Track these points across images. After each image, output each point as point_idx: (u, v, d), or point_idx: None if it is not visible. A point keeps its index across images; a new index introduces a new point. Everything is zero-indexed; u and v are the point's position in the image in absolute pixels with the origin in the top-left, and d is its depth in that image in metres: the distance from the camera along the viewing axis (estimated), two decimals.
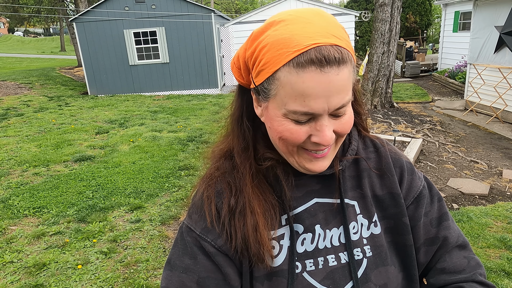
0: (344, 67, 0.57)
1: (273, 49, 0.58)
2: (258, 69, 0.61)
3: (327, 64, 0.55)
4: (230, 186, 0.70)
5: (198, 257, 0.68)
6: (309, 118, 0.60)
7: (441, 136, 6.47)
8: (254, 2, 46.30)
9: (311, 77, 0.56)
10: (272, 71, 0.59)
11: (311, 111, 0.58)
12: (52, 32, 60.87)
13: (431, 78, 13.19)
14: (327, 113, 0.59)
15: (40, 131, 7.52)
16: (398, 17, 8.05)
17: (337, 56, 0.56)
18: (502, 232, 3.33)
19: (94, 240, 3.41)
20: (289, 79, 0.57)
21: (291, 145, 0.63)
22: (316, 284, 0.67)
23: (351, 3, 18.39)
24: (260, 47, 0.60)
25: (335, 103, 0.58)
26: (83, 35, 12.14)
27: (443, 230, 0.74)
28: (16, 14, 24.33)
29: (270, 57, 0.58)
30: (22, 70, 19.24)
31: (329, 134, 0.60)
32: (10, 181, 4.90)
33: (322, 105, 0.58)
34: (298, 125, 0.61)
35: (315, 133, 0.61)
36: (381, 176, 0.74)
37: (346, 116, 0.62)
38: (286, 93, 0.58)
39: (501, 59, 7.12)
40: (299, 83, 0.56)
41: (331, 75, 0.56)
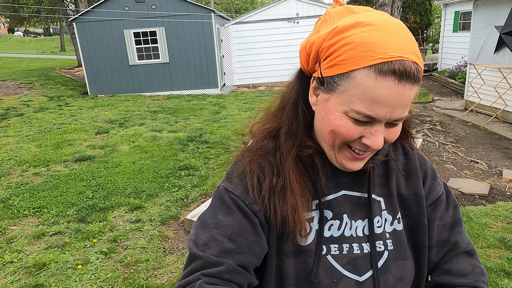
0: (417, 85, 0.61)
1: (357, 48, 0.59)
2: (333, 62, 0.63)
3: (406, 79, 0.59)
4: (272, 166, 0.73)
5: (234, 214, 0.70)
6: (368, 121, 0.63)
7: (441, 136, 6.47)
8: (254, 2, 46.30)
9: (388, 86, 0.59)
10: (350, 69, 0.60)
11: (374, 116, 0.61)
12: (52, 32, 60.88)
13: (431, 78, 13.19)
14: (386, 121, 0.63)
15: (40, 131, 7.52)
16: (398, 17, 8.05)
17: (416, 74, 0.60)
18: (502, 232, 3.33)
19: (94, 240, 3.41)
20: (365, 81, 0.59)
21: (340, 140, 0.66)
22: (339, 267, 0.71)
23: (351, 3, 18.39)
24: (342, 43, 0.61)
25: (397, 114, 0.62)
26: (83, 35, 12.14)
27: (455, 235, 0.78)
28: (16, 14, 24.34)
29: (352, 55, 0.60)
30: (22, 70, 19.24)
31: (381, 140, 0.64)
32: (10, 181, 4.90)
33: (386, 114, 0.61)
34: (356, 124, 0.64)
35: (368, 136, 0.64)
36: (407, 177, 0.78)
37: (398, 127, 0.66)
38: (356, 93, 0.61)
39: (501, 59, 7.12)
40: (375, 89, 0.59)
41: (406, 89, 0.59)
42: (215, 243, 0.67)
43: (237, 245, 0.67)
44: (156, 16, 11.84)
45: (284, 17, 12.83)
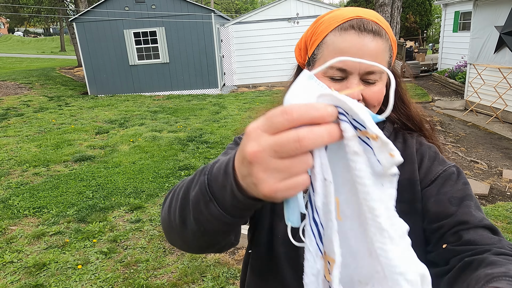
0: (379, 39, 0.71)
1: (325, 22, 0.74)
2: (312, 40, 0.76)
3: (364, 31, 0.69)
4: None
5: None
6: (342, 77, 0.71)
7: (441, 136, 6.47)
8: (254, 2, 46.30)
9: (350, 38, 0.70)
10: (322, 37, 0.73)
11: (345, 67, 0.69)
12: (52, 32, 60.88)
13: (431, 78, 13.19)
14: (358, 73, 0.70)
15: (40, 131, 7.52)
16: (398, 17, 8.05)
17: (375, 28, 0.70)
18: (502, 232, 3.34)
19: (94, 240, 3.41)
20: (333, 40, 0.71)
21: None
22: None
23: (351, 3, 18.39)
24: (317, 24, 0.76)
25: (365, 65, 0.68)
26: (83, 35, 12.14)
27: (462, 209, 0.71)
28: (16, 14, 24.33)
29: (322, 28, 0.74)
30: (22, 70, 19.24)
31: (357, 93, 0.69)
32: (10, 181, 4.90)
33: (355, 64, 0.69)
34: (333, 82, 0.71)
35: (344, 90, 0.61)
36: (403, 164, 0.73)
37: (376, 87, 0.72)
38: (328, 52, 0.72)
39: (501, 59, 7.12)
40: (340, 42, 0.70)
41: (367, 40, 0.69)
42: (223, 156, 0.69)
43: None
44: (156, 16, 11.84)
45: (284, 17, 12.83)
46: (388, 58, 0.75)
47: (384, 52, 0.72)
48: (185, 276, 2.85)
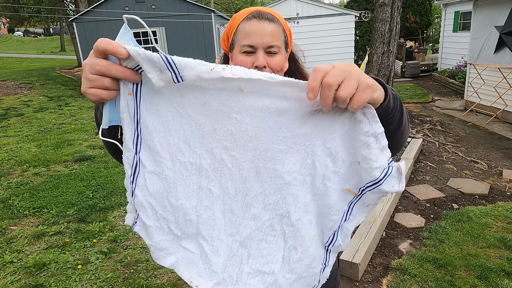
0: (273, 24, 1.01)
1: (237, 17, 1.04)
2: (230, 31, 1.06)
3: (262, 18, 1.00)
4: None
5: None
6: (252, 51, 1.00)
7: (441, 136, 6.47)
8: (254, 2, 46.29)
9: (253, 23, 1.00)
10: (236, 27, 1.04)
11: (252, 43, 0.99)
12: (52, 32, 60.85)
13: (431, 78, 13.18)
14: (262, 47, 1.00)
15: (40, 131, 7.52)
16: (398, 17, 8.05)
17: (269, 16, 1.01)
18: (502, 232, 3.33)
19: (94, 240, 3.41)
20: (243, 27, 1.02)
21: None
22: None
23: (351, 3, 18.38)
24: (232, 20, 1.06)
25: (266, 41, 0.99)
26: (83, 35, 12.14)
27: None
28: (16, 14, 24.32)
29: (235, 21, 1.05)
30: (22, 70, 19.23)
31: (263, 61, 0.99)
32: (10, 181, 4.89)
33: (259, 41, 0.99)
34: (246, 56, 1.01)
35: (255, 61, 1.00)
36: None
37: (277, 58, 1.01)
38: (241, 35, 1.02)
39: (501, 59, 7.12)
40: (247, 27, 1.00)
41: (264, 24, 1.00)
42: None
43: None
44: (156, 16, 11.84)
45: (284, 17, 12.81)
46: (283, 38, 1.04)
47: (278, 33, 1.01)
48: None
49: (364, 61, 8.57)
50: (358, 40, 17.75)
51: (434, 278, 2.72)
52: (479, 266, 2.84)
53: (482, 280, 2.70)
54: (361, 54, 17.86)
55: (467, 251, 3.06)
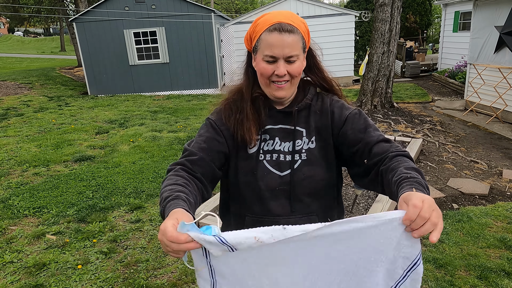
0: (293, 35, 1.09)
1: (260, 24, 1.12)
2: (254, 36, 1.15)
3: (283, 31, 1.08)
4: (237, 107, 1.21)
5: (209, 129, 1.20)
6: (273, 60, 1.10)
7: (441, 136, 6.47)
8: (254, 2, 46.27)
9: (275, 36, 1.08)
10: (259, 35, 1.12)
11: (274, 54, 1.09)
12: (52, 32, 60.84)
13: (431, 78, 13.18)
14: (282, 58, 1.09)
15: (40, 131, 7.52)
16: (398, 17, 8.05)
17: (289, 28, 1.08)
18: (502, 232, 3.33)
19: (94, 240, 3.41)
20: (266, 37, 1.10)
21: (265, 77, 1.13)
22: (269, 167, 1.18)
23: (351, 3, 18.38)
24: (256, 24, 1.14)
25: (286, 52, 1.08)
26: (83, 35, 12.13)
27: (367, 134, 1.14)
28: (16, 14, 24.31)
29: (259, 28, 1.12)
30: (22, 70, 19.24)
31: (283, 70, 1.10)
32: (10, 181, 4.90)
33: (280, 52, 1.08)
34: (268, 64, 1.11)
35: (276, 69, 1.10)
36: (320, 115, 1.22)
37: (295, 65, 1.11)
38: (264, 45, 1.10)
39: (501, 59, 7.12)
40: (269, 39, 1.09)
41: (285, 36, 1.08)
42: (196, 144, 1.17)
43: (208, 145, 1.16)
44: (156, 16, 11.84)
45: None
46: (302, 45, 1.12)
47: (298, 42, 1.10)
48: (185, 276, 2.85)
49: (364, 61, 8.57)
50: (358, 40, 17.74)
51: (434, 278, 2.72)
52: (479, 266, 2.84)
53: (482, 280, 2.70)
54: (361, 54, 17.85)
55: (467, 251, 3.06)
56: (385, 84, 8.33)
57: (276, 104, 1.21)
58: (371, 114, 7.91)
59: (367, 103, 8.47)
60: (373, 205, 3.60)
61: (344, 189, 4.11)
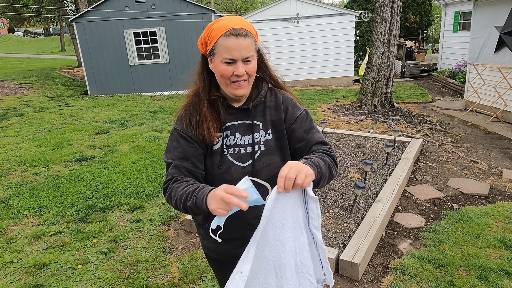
0: (248, 38, 1.20)
1: (216, 30, 1.21)
2: (210, 40, 1.23)
3: (238, 35, 1.19)
4: (196, 110, 1.32)
5: (180, 140, 1.31)
6: (232, 62, 1.20)
7: (441, 136, 6.47)
8: (254, 2, 46.26)
9: (232, 40, 1.19)
10: (216, 39, 1.21)
11: (233, 57, 1.19)
12: (52, 32, 60.82)
13: (431, 78, 13.18)
14: (241, 59, 1.20)
15: (40, 131, 7.52)
16: (398, 17, 8.05)
17: (244, 33, 1.20)
18: (502, 232, 3.33)
19: (94, 240, 3.41)
20: (223, 42, 1.19)
21: (225, 78, 1.23)
22: (232, 160, 1.31)
23: (351, 3, 18.38)
24: (211, 30, 1.23)
25: (244, 54, 1.20)
26: (83, 35, 12.13)
27: (310, 135, 1.34)
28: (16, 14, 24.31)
29: (215, 33, 1.21)
30: (22, 70, 19.23)
31: (242, 70, 1.21)
32: (10, 181, 4.89)
33: (238, 54, 1.19)
34: (228, 65, 1.21)
35: (235, 69, 1.21)
36: (275, 110, 1.36)
37: (251, 64, 1.24)
38: (221, 50, 1.20)
39: (501, 59, 7.12)
40: (227, 43, 1.19)
41: (241, 40, 1.19)
42: (175, 156, 1.29)
43: (185, 154, 1.28)
44: (156, 16, 11.84)
45: (284, 17, 12.83)
46: (254, 45, 1.24)
47: (251, 44, 1.21)
48: (185, 276, 2.85)
49: (364, 61, 8.57)
50: (358, 40, 17.74)
51: (434, 278, 2.72)
52: (479, 266, 2.83)
53: (482, 280, 2.70)
54: (361, 54, 17.85)
55: (467, 251, 3.06)
56: (385, 84, 8.33)
57: (234, 102, 1.33)
58: (371, 114, 7.91)
59: (367, 103, 8.47)
60: (373, 205, 3.60)
61: (344, 189, 4.11)
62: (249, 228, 1.23)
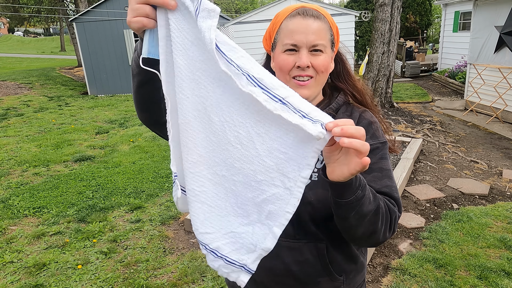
0: (319, 21, 0.93)
1: (280, 14, 0.98)
2: (273, 30, 0.99)
3: (307, 15, 0.93)
4: None
5: None
6: (295, 49, 0.93)
7: (441, 136, 6.47)
8: (254, 2, 46.28)
9: (297, 20, 0.93)
10: (279, 24, 0.97)
11: (295, 42, 0.92)
12: (52, 32, 60.83)
13: (431, 78, 13.19)
14: (306, 47, 0.92)
15: (40, 131, 7.52)
16: (398, 17, 8.05)
17: (315, 13, 0.94)
18: (502, 232, 3.33)
19: (94, 240, 3.41)
20: (286, 24, 0.95)
21: (285, 72, 0.94)
22: None
23: (351, 3, 18.38)
24: (275, 18, 1.00)
25: (311, 39, 0.91)
26: (83, 35, 12.13)
27: (371, 177, 0.94)
28: (16, 14, 24.31)
29: (278, 19, 0.98)
30: (22, 70, 19.24)
31: (306, 60, 0.92)
32: (10, 181, 4.90)
33: (303, 39, 0.91)
34: (288, 55, 0.94)
35: (297, 60, 0.92)
36: None
37: (321, 57, 0.94)
38: (284, 34, 0.95)
39: (501, 59, 7.12)
40: (290, 25, 0.94)
41: (309, 21, 0.92)
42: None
43: None
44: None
45: None
46: (329, 36, 0.96)
47: (325, 31, 0.94)
48: (185, 276, 2.85)
49: (364, 61, 8.57)
50: (358, 40, 17.75)
51: (434, 278, 2.72)
52: (479, 266, 2.84)
53: (482, 280, 2.70)
54: (361, 54, 17.86)
55: (467, 251, 3.06)
56: (385, 84, 8.33)
57: None
58: None
59: None
60: None
61: None
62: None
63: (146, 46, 0.79)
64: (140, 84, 0.91)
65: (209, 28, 0.69)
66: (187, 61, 0.75)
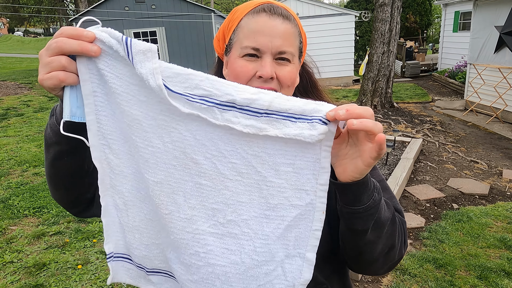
0: (288, 23, 0.77)
1: (240, 9, 0.80)
2: (229, 28, 0.81)
3: (275, 14, 0.75)
4: None
5: None
6: (256, 55, 0.75)
7: (441, 136, 6.47)
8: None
9: (262, 19, 0.75)
10: (238, 21, 0.78)
11: (258, 46, 0.74)
12: (52, 32, 60.83)
13: (431, 78, 13.19)
14: (270, 52, 0.74)
15: (40, 131, 7.52)
16: (398, 17, 8.05)
17: (284, 13, 0.77)
18: (502, 232, 3.33)
19: (94, 240, 3.41)
20: (247, 22, 0.76)
21: (242, 82, 0.73)
22: None
23: (351, 3, 18.39)
24: (233, 13, 0.81)
25: (277, 44, 0.74)
26: None
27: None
28: (16, 14, 24.33)
29: (237, 14, 0.79)
30: (22, 70, 19.24)
31: (270, 70, 0.74)
32: (10, 181, 4.90)
33: (267, 42, 0.74)
34: (248, 61, 0.75)
35: (259, 69, 0.74)
36: None
37: (288, 68, 0.77)
38: (243, 34, 0.76)
39: (501, 59, 7.12)
40: (253, 23, 0.75)
41: (277, 22, 0.75)
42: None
43: None
44: (156, 16, 11.85)
45: None
46: (298, 43, 0.80)
47: (294, 36, 0.78)
48: None
49: (364, 61, 8.58)
50: (358, 40, 17.75)
51: (434, 278, 2.72)
52: (479, 266, 2.84)
53: (482, 280, 2.70)
54: (361, 54, 17.86)
55: (467, 251, 3.06)
56: (385, 84, 8.33)
57: None
58: None
59: (367, 103, 8.47)
60: None
61: None
62: None
63: (67, 107, 0.64)
64: (58, 155, 0.72)
65: (151, 72, 0.59)
66: (142, 108, 0.63)
